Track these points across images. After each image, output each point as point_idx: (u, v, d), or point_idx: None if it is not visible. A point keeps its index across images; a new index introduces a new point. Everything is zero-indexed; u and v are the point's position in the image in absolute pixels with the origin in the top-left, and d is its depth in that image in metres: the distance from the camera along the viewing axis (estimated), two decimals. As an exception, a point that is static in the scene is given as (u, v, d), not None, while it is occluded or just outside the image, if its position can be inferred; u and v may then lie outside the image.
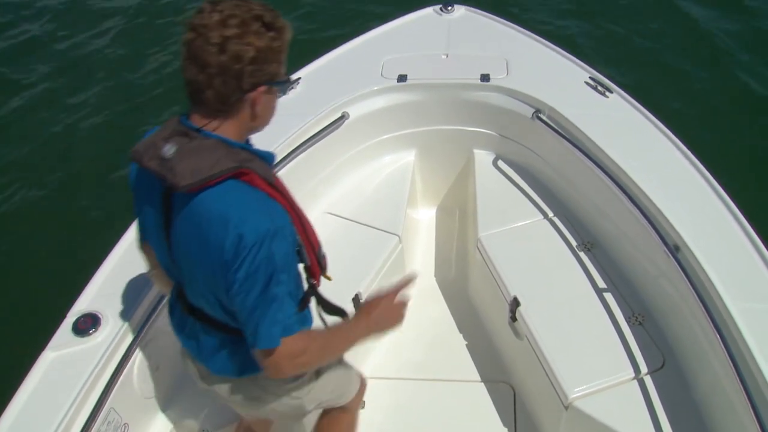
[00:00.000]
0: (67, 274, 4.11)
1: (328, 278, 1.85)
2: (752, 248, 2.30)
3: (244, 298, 1.49)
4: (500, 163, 3.43)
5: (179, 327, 1.86)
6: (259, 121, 1.58)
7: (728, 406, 2.10)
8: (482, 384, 3.00)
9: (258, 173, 1.53)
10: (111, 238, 2.55)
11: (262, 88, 1.49)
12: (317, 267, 1.77)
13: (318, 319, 1.87)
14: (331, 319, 1.87)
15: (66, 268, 4.24)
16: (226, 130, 1.52)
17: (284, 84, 1.59)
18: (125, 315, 2.26)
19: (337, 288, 1.93)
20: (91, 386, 2.08)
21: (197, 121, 1.50)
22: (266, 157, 1.65)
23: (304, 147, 3.03)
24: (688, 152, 2.71)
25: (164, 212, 1.60)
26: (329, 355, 1.83)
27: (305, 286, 1.78)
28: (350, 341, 1.76)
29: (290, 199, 1.66)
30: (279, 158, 2.93)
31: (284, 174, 2.94)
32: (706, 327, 2.16)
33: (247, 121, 1.55)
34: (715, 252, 2.30)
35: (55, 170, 5.34)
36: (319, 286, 1.83)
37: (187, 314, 1.79)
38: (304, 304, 1.77)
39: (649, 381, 2.40)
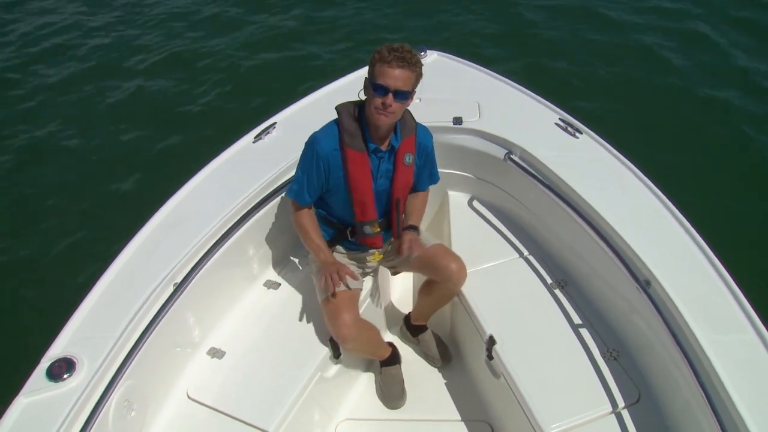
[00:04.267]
0: (42, 318, 4.08)
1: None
2: (720, 281, 2.35)
3: None
4: (474, 203, 3.48)
5: None
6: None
7: None
8: (461, 423, 3.00)
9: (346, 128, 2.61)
10: (86, 280, 2.54)
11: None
12: (356, 214, 2.78)
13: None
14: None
15: (41, 312, 4.21)
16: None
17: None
18: (101, 359, 2.23)
19: None
20: None
21: None
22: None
23: (279, 192, 3.07)
24: (656, 189, 2.78)
25: None
26: (303, 237, 2.83)
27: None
28: (312, 249, 2.81)
29: (353, 155, 2.61)
30: (252, 204, 2.97)
31: (258, 219, 3.00)
32: (678, 360, 2.19)
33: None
34: (684, 285, 2.34)
35: (25, 215, 5.33)
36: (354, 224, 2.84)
37: None
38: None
39: (625, 415, 2.42)
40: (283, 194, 3.07)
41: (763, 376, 2.05)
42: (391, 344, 3.20)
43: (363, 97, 2.59)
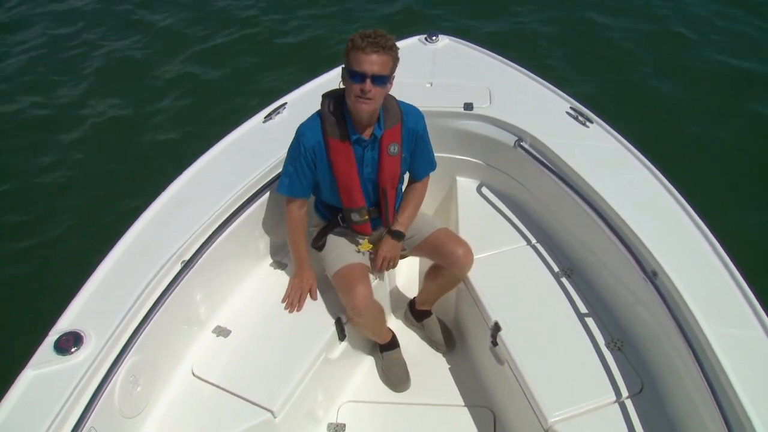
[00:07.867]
0: (50, 292, 4.11)
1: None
2: (727, 274, 2.35)
3: None
4: (483, 190, 3.47)
5: None
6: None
7: (704, 430, 2.13)
8: (463, 408, 3.02)
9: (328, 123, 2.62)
10: (95, 255, 2.55)
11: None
12: (343, 201, 2.82)
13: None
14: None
15: (49, 286, 4.23)
16: None
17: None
18: (108, 333, 2.25)
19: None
20: (72, 405, 2.07)
21: None
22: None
23: None
24: (665, 180, 2.77)
25: None
26: (289, 240, 2.95)
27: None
28: (292, 253, 2.98)
29: (336, 145, 2.64)
30: (261, 184, 2.98)
31: (266, 199, 3.01)
32: (683, 352, 2.19)
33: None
34: (691, 278, 2.34)
35: (37, 189, 5.36)
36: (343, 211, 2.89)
37: None
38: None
39: (628, 405, 2.42)
40: None
41: None
42: (389, 329, 3.21)
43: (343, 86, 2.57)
